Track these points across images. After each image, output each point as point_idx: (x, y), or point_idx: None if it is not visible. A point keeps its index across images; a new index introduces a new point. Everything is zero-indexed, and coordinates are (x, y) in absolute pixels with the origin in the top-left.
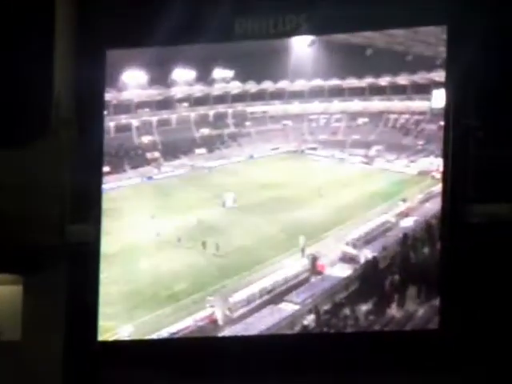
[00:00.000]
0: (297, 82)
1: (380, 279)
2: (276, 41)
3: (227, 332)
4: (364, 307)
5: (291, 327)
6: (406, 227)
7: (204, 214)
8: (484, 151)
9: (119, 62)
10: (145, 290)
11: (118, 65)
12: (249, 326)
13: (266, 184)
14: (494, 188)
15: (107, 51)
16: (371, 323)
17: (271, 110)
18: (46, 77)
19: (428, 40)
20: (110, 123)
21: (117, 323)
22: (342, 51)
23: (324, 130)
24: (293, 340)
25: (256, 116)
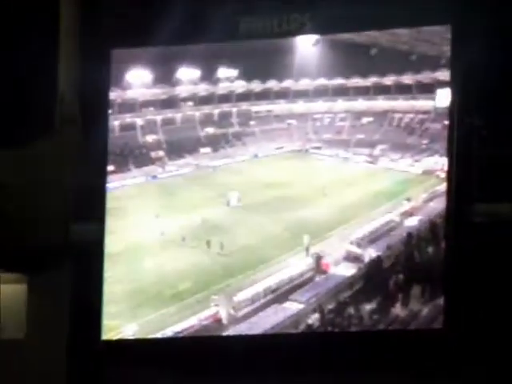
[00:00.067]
0: (301, 81)
1: (384, 278)
2: (280, 40)
3: (231, 331)
4: (368, 306)
5: (296, 326)
6: (411, 226)
7: (208, 213)
8: (489, 150)
9: (124, 61)
10: (149, 289)
11: (123, 64)
12: (253, 325)
13: (271, 183)
14: (499, 187)
15: (112, 50)
16: (375, 322)
17: (276, 109)
18: (51, 76)
19: (432, 39)
20: (115, 122)
21: (121, 322)
22: (347, 50)
23: (328, 130)
24: (297, 339)
25: (260, 115)
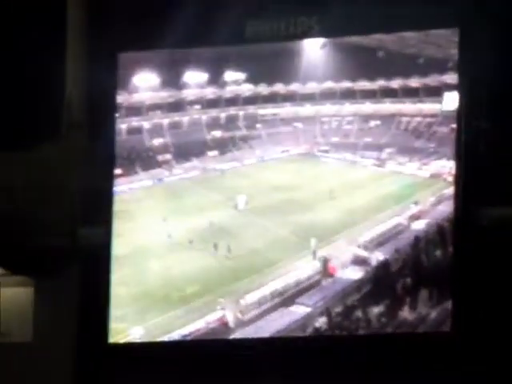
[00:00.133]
0: (308, 85)
1: (392, 282)
2: (288, 43)
3: (238, 334)
4: (376, 309)
5: (303, 329)
6: (418, 230)
7: (216, 217)
8: (496, 154)
9: (131, 65)
10: (156, 292)
11: (130, 67)
12: (260, 329)
13: (278, 186)
14: (507, 191)
15: (119, 54)
16: (383, 325)
17: (282, 113)
18: (58, 79)
19: (440, 42)
20: (122, 125)
21: (128, 325)
22: (354, 54)
23: (336, 133)
24: (304, 342)
25: (267, 118)
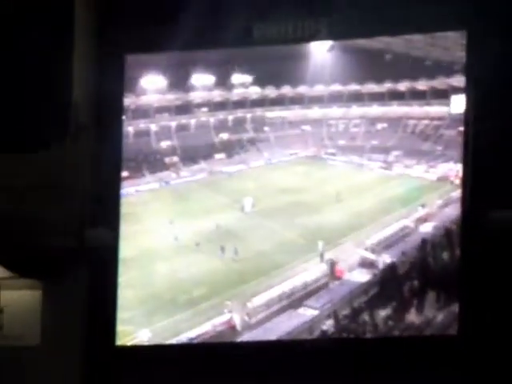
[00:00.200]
0: (316, 87)
1: (399, 284)
2: (295, 46)
3: (245, 337)
4: (383, 312)
5: (310, 332)
6: (425, 233)
7: (223, 219)
8: (503, 156)
9: (138, 67)
10: (163, 295)
11: (137, 69)
12: (267, 332)
13: (285, 189)
14: None
15: (126, 55)
16: (390, 328)
17: (290, 115)
18: (65, 81)
19: (447, 45)
20: (129, 128)
21: (135, 328)
22: (361, 56)
23: (343, 135)
24: (312, 345)
25: (275, 121)
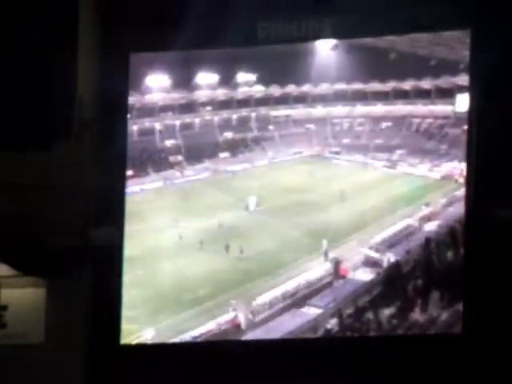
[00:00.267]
0: (320, 86)
1: (403, 283)
2: (299, 45)
3: (250, 336)
4: (387, 311)
5: (314, 331)
6: (430, 231)
7: (227, 218)
8: (507, 155)
9: (143, 65)
10: (168, 294)
11: (142, 68)
12: (271, 330)
13: (290, 188)
14: None
15: (131, 55)
16: (394, 327)
17: (294, 114)
18: (70, 79)
19: (451, 44)
20: (134, 126)
21: (140, 326)
22: (366, 55)
23: (347, 134)
24: (316, 344)
25: (279, 120)
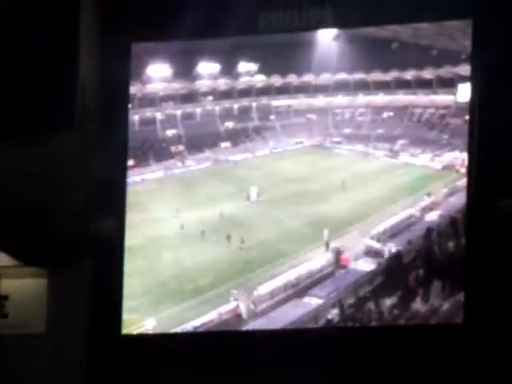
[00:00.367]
0: (321, 76)
1: (404, 273)
2: (301, 34)
3: (251, 326)
4: (388, 301)
5: (315, 321)
6: (431, 221)
7: (228, 208)
8: (509, 145)
9: (144, 55)
10: (169, 284)
11: (143, 58)
12: (273, 320)
13: (291, 178)
14: None
15: (132, 44)
16: (395, 317)
17: (296, 104)
18: (71, 69)
19: (453, 34)
20: (135, 116)
21: (141, 316)
22: (367, 45)
23: (349, 124)
24: (317, 334)
25: (280, 110)
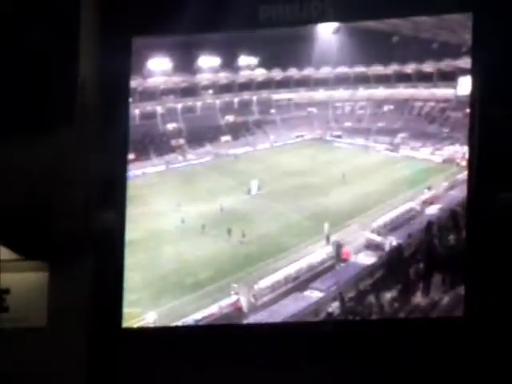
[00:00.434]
0: (322, 69)
1: (405, 267)
2: (301, 28)
3: (252, 319)
4: (389, 294)
5: (316, 314)
6: (431, 215)
7: (229, 202)
8: (510, 138)
9: (144, 49)
10: (169, 277)
11: (144, 52)
12: (273, 314)
13: (291, 171)
14: None
15: (133, 38)
16: (396, 310)
17: (296, 98)
18: (71, 69)
19: (454, 27)
20: (135, 110)
21: (141, 310)
22: (368, 38)
23: (349, 118)
24: (317, 327)
25: (281, 103)
